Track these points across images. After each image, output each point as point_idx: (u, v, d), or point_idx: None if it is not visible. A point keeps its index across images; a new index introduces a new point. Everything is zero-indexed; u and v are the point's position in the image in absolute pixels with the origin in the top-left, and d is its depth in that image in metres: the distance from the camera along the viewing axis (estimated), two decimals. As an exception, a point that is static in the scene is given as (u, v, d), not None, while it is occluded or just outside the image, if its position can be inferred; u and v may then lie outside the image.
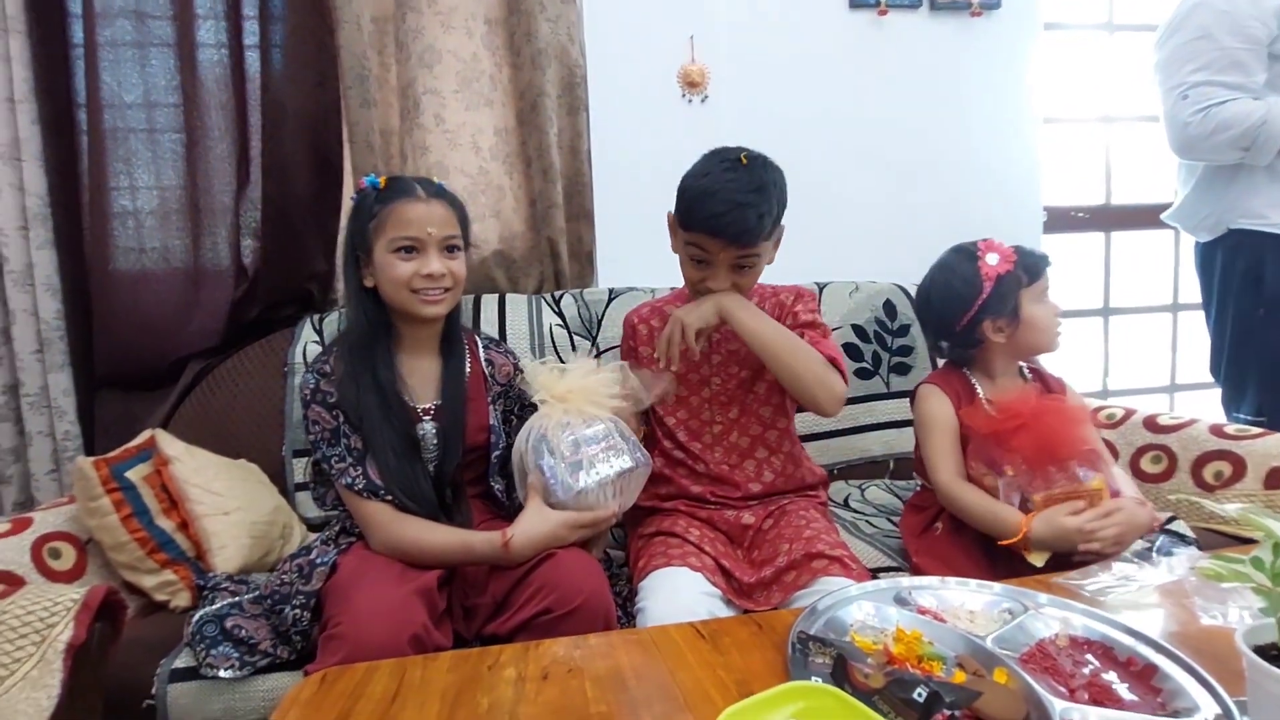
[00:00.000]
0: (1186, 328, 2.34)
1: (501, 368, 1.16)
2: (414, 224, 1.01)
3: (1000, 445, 1.02)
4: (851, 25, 1.86)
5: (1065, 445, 0.98)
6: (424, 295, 1.03)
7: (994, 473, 1.03)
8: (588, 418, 1.03)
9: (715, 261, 1.07)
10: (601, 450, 1.02)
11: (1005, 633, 0.68)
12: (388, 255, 1.02)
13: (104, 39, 1.47)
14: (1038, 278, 1.12)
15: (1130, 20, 2.20)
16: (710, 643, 0.73)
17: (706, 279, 1.08)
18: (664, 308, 1.22)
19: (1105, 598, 0.76)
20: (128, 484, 1.11)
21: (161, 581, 1.09)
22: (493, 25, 1.64)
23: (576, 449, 1.00)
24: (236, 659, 0.92)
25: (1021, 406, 1.03)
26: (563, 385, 1.04)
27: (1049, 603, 0.73)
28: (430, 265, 1.02)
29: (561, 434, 1.01)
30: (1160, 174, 2.27)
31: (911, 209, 1.91)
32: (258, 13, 1.51)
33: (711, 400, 1.17)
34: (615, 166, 1.73)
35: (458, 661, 0.73)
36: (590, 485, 0.99)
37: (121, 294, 1.51)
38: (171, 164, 1.53)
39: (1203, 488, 1.21)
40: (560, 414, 1.02)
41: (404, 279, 1.02)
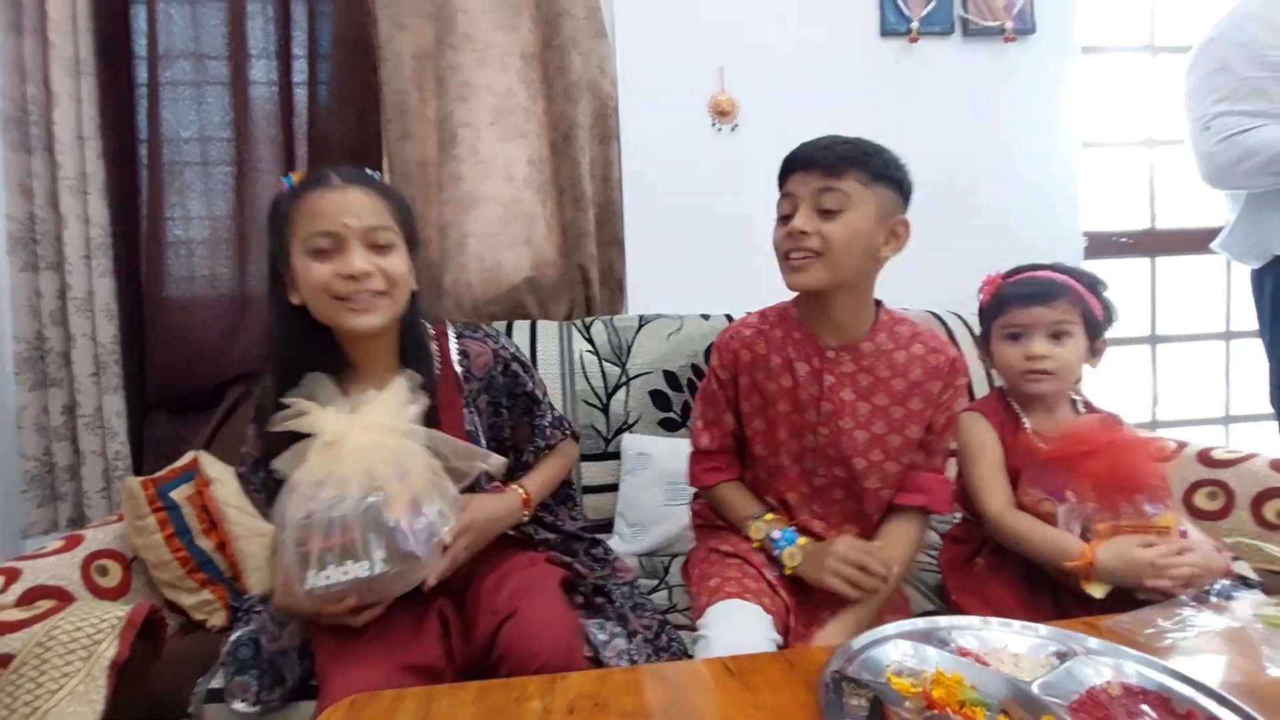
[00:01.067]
0: (1240, 356, 2.25)
1: (479, 357, 1.00)
2: (326, 215, 0.84)
3: (1068, 470, 0.97)
4: (883, 53, 1.86)
5: (1135, 476, 0.94)
6: (349, 302, 0.85)
7: (1054, 499, 0.98)
8: (343, 490, 0.77)
9: (798, 201, 0.93)
10: (341, 545, 0.77)
11: (1053, 678, 0.64)
12: (303, 259, 0.85)
13: (165, 79, 1.56)
14: (1001, 314, 1.09)
15: (1172, 42, 2.16)
16: (739, 680, 0.71)
17: (785, 231, 0.94)
18: (769, 332, 1.05)
19: (1161, 643, 0.72)
20: (172, 504, 1.14)
21: (200, 600, 1.11)
22: (528, 60, 1.68)
23: (308, 537, 0.76)
24: (255, 691, 0.88)
25: (1091, 434, 0.99)
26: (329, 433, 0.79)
27: (1100, 647, 0.69)
28: (351, 264, 0.84)
29: (298, 511, 0.76)
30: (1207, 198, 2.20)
31: (948, 236, 1.88)
32: (306, 52, 1.59)
33: (817, 451, 1.01)
34: (646, 195, 1.75)
35: (483, 692, 0.73)
36: (317, 589, 0.77)
37: (173, 320, 1.58)
38: (222, 195, 1.60)
39: (1264, 526, 1.15)
40: (312, 478, 0.77)
41: (321, 283, 0.84)
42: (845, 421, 0.99)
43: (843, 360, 1.00)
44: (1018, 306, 1.07)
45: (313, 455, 0.78)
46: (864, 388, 1.00)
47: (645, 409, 1.51)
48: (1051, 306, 1.04)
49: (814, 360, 1.01)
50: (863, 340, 1.01)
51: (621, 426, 1.50)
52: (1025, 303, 1.06)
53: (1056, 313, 1.04)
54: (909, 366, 1.00)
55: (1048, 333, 1.05)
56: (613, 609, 1.01)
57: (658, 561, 1.38)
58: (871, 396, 1.00)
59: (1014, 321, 1.07)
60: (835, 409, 0.99)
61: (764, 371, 1.03)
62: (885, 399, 1.00)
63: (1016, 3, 1.86)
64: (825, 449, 1.01)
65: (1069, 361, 1.05)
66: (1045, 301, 1.05)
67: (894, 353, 1.00)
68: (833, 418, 0.99)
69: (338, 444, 0.78)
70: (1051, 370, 1.05)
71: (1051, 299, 1.05)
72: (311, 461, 0.78)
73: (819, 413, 1.00)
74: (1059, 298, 1.04)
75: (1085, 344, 1.06)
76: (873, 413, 0.99)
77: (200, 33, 1.57)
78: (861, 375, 1.00)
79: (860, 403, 0.99)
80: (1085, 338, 1.05)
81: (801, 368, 1.01)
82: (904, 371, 1.00)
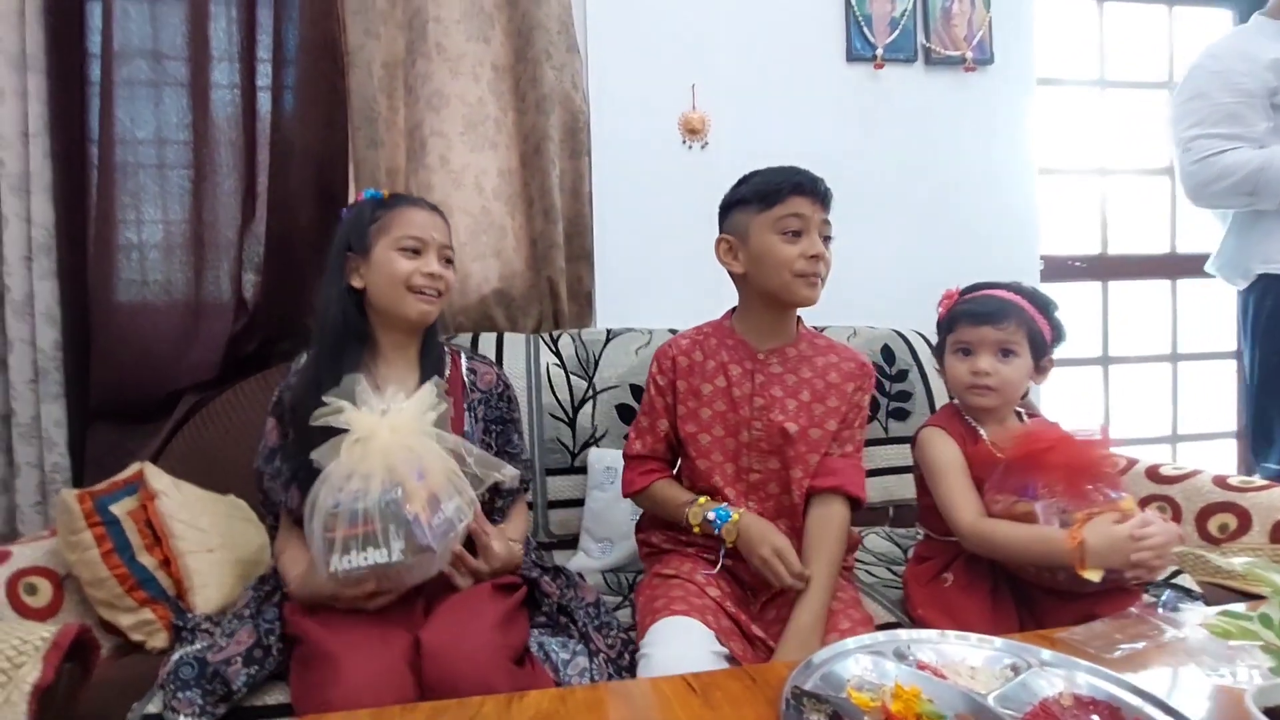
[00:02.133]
0: (1186, 378, 2.34)
1: (484, 376, 1.15)
2: (420, 226, 1.06)
3: (1033, 467, 0.99)
4: (849, 78, 1.90)
5: (1096, 464, 0.97)
6: (421, 294, 1.05)
7: (1026, 498, 0.99)
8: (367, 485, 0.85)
9: (809, 226, 1.06)
10: (365, 533, 0.85)
11: (1007, 690, 0.65)
12: (390, 253, 1.04)
13: (120, 78, 1.51)
14: (951, 330, 1.13)
15: (1121, 78, 2.27)
16: (701, 696, 0.70)
17: (803, 249, 1.05)
18: (704, 341, 1.16)
19: (1111, 654, 0.73)
20: (111, 518, 1.08)
21: (139, 621, 1.06)
22: (499, 72, 1.68)
23: (334, 524, 0.85)
24: (199, 705, 0.87)
25: (1045, 431, 1.02)
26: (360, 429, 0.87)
27: (1052, 659, 0.70)
28: (431, 265, 1.05)
29: (329, 499, 0.85)
30: (1156, 225, 2.31)
31: (910, 257, 1.93)
32: (271, 56, 1.56)
33: (751, 445, 1.10)
34: (616, 209, 1.76)
35: (436, 713, 0.70)
36: (338, 571, 0.85)
37: (121, 325, 1.52)
38: (179, 199, 1.55)
39: (1208, 540, 1.19)
40: (342, 470, 0.85)
41: (404, 275, 1.04)
42: (776, 414, 1.09)
43: (772, 362, 1.12)
44: (968, 324, 1.11)
45: (344, 450, 0.86)
46: (791, 385, 1.11)
47: (612, 423, 1.50)
48: (999, 326, 1.08)
49: (746, 362, 1.12)
50: (788, 346, 1.13)
51: (588, 440, 1.49)
52: (975, 321, 1.10)
53: (1003, 333, 1.08)
54: (827, 370, 1.12)
55: (994, 350, 1.09)
56: (576, 628, 1.00)
57: (623, 577, 1.37)
58: (798, 393, 1.10)
59: (963, 338, 1.11)
60: (767, 404, 1.09)
61: (700, 375, 1.13)
62: (809, 395, 1.10)
63: (976, 34, 1.93)
64: (759, 442, 1.09)
65: (1011, 379, 1.09)
66: (993, 321, 1.09)
67: (814, 358, 1.13)
68: (765, 412, 1.09)
69: (365, 441, 0.86)
70: (994, 386, 1.09)
71: (999, 319, 1.09)
72: (342, 456, 0.86)
73: (753, 408, 1.10)
74: (1007, 318, 1.09)
75: (1030, 363, 1.10)
76: (799, 407, 1.10)
77: (159, 32, 1.53)
78: (788, 375, 1.11)
79: (788, 398, 1.10)
80: (1030, 357, 1.10)
81: (735, 369, 1.12)
82: (823, 374, 1.12)
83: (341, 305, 1.05)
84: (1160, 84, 2.29)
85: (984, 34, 1.93)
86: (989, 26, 1.94)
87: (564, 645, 0.97)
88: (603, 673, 0.95)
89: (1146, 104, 2.30)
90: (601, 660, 0.97)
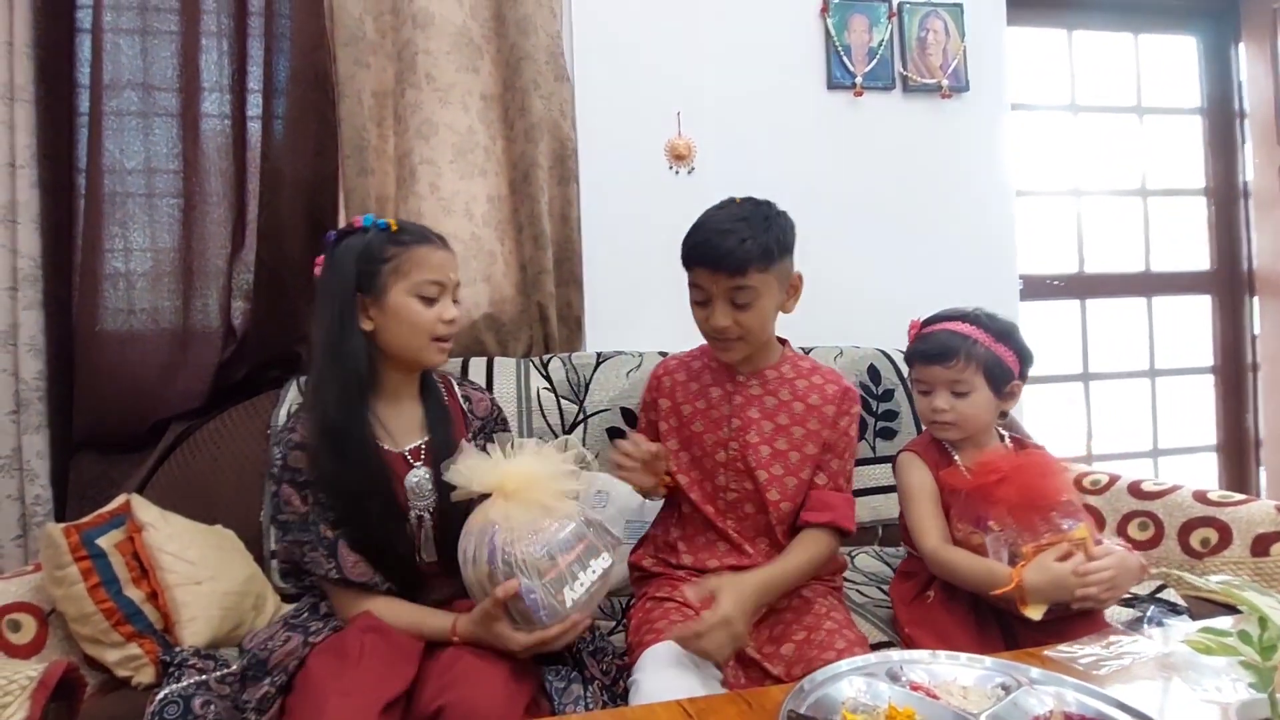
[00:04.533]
0: (1164, 393, 2.39)
1: (479, 403, 1.13)
2: (439, 269, 1.00)
3: (984, 500, 1.02)
4: (830, 105, 1.95)
5: (1045, 494, 0.99)
6: (444, 343, 1.01)
7: (980, 530, 1.03)
8: (556, 518, 0.89)
9: (712, 295, 1.04)
10: (579, 554, 0.89)
11: (999, 710, 0.66)
12: (408, 299, 0.98)
13: (109, 108, 1.52)
14: (911, 368, 1.16)
15: (1092, 102, 2.34)
16: (697, 722, 0.70)
17: (709, 317, 1.05)
18: (691, 362, 1.19)
19: (1099, 671, 0.75)
20: (98, 551, 1.07)
21: (125, 656, 1.04)
22: (488, 101, 1.71)
23: (553, 562, 0.87)
24: None
25: (999, 461, 1.05)
26: (514, 480, 0.89)
27: (1042, 677, 0.71)
28: (450, 311, 1.01)
29: (531, 547, 0.86)
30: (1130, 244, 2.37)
31: (892, 278, 1.96)
32: (262, 87, 1.57)
33: (727, 465, 1.11)
34: (604, 235, 1.78)
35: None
36: (580, 599, 0.88)
37: (107, 354, 1.51)
38: (167, 228, 1.56)
39: (1190, 555, 1.21)
40: (522, 519, 0.87)
41: (427, 325, 0.98)
42: (751, 436, 1.10)
43: (751, 384, 1.13)
44: (920, 364, 1.14)
45: (499, 507, 0.88)
46: (769, 408, 1.11)
47: (603, 446, 1.50)
48: (947, 366, 1.10)
49: (726, 384, 1.14)
50: (768, 368, 1.14)
51: (580, 465, 1.49)
52: (925, 361, 1.13)
53: (952, 372, 1.10)
54: (808, 393, 1.12)
55: (948, 388, 1.11)
56: (570, 655, 0.99)
57: (616, 602, 1.36)
58: (775, 416, 1.11)
59: (919, 377, 1.15)
60: (743, 425, 1.11)
61: (682, 394, 1.16)
62: (786, 419, 1.11)
63: (951, 62, 1.99)
64: (734, 463, 1.11)
65: (968, 414, 1.11)
66: (941, 362, 1.11)
67: (795, 380, 1.13)
68: (740, 433, 1.10)
69: (518, 493, 0.89)
70: (952, 421, 1.11)
71: (946, 359, 1.10)
72: (507, 510, 0.88)
73: (729, 429, 1.11)
74: (953, 358, 1.10)
75: (988, 394, 1.11)
76: (775, 430, 1.10)
77: (150, 64, 1.54)
78: (767, 397, 1.12)
79: (765, 421, 1.11)
80: (989, 388, 1.11)
81: (715, 391, 1.14)
82: (804, 396, 1.12)
83: (355, 351, 0.97)
84: (1129, 108, 2.37)
85: (959, 62, 2.00)
86: (963, 55, 2.00)
87: (557, 673, 0.96)
88: (597, 700, 0.94)
89: (1117, 128, 2.37)
90: (596, 688, 0.96)
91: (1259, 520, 1.16)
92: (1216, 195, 2.41)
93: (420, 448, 1.04)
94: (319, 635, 0.93)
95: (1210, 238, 2.42)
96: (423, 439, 1.05)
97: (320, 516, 0.96)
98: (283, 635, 0.94)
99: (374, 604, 0.96)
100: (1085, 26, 2.31)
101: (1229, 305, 2.41)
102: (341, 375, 0.97)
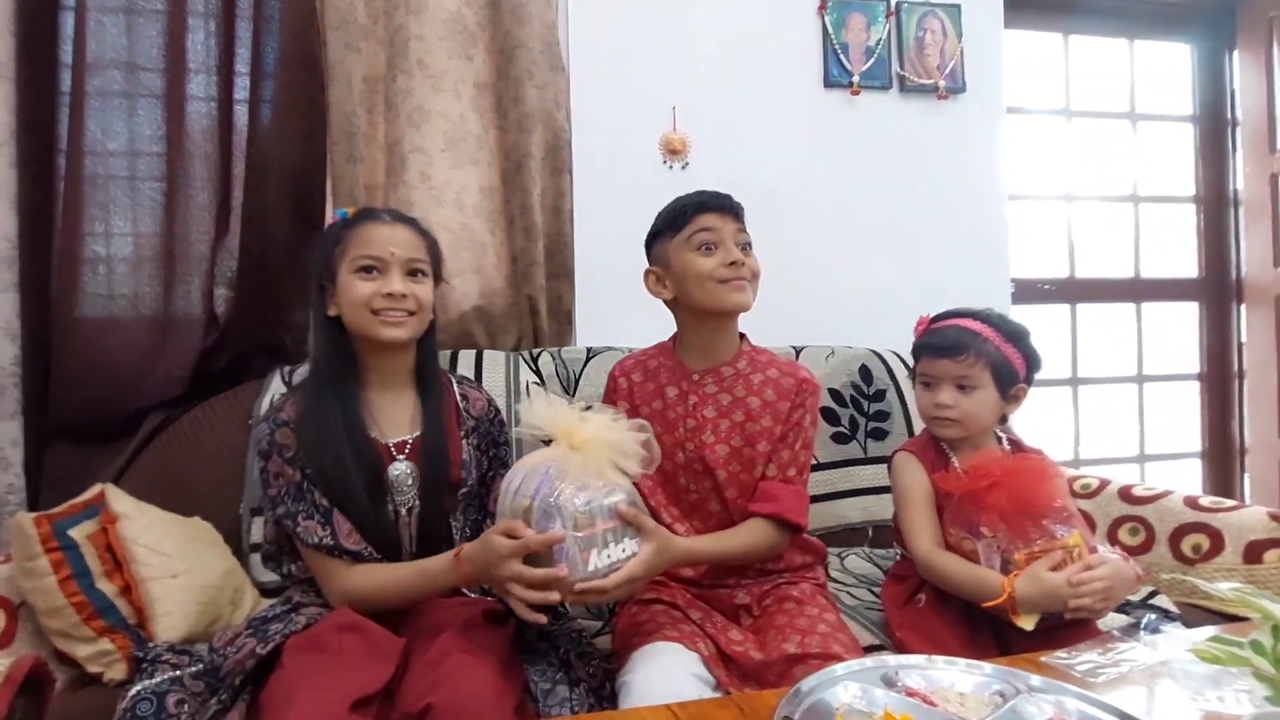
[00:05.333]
0: (1151, 399, 2.40)
1: (475, 402, 1.12)
2: (376, 243, 1.00)
3: (975, 506, 1.01)
4: (826, 103, 1.94)
5: (1038, 500, 0.98)
6: (384, 316, 0.99)
7: (972, 536, 1.02)
8: (608, 483, 0.88)
9: (722, 239, 1.07)
10: (616, 526, 0.87)
11: (998, 718, 0.65)
12: (349, 276, 1.00)
13: (92, 88, 1.48)
14: (918, 361, 1.15)
15: (1086, 107, 2.35)
16: (688, 726, 0.69)
17: (720, 261, 1.06)
18: (647, 361, 1.18)
19: (1097, 679, 0.74)
20: (70, 543, 1.04)
21: (96, 651, 1.01)
22: (481, 89, 1.68)
23: (592, 521, 0.85)
24: None
25: (992, 466, 1.03)
26: (584, 432, 0.89)
27: (1041, 685, 0.70)
28: (391, 284, 0.99)
29: (576, 499, 0.85)
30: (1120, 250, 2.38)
31: (885, 278, 1.96)
32: (249, 69, 1.53)
33: (686, 467, 1.11)
34: (597, 228, 1.75)
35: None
36: (600, 568, 0.85)
37: (85, 340, 1.46)
38: (150, 211, 1.51)
39: (1182, 561, 1.21)
40: (578, 470, 0.87)
41: (364, 298, 0.98)
42: (707, 435, 1.10)
43: (706, 382, 1.12)
44: (928, 357, 1.13)
45: (562, 452, 0.88)
46: (724, 406, 1.11)
47: (593, 443, 1.48)
48: (956, 360, 1.09)
49: (682, 383, 1.13)
50: (724, 365, 1.13)
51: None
52: (933, 354, 1.11)
53: (960, 366, 1.09)
54: (764, 387, 1.11)
55: (954, 384, 1.10)
56: (557, 656, 0.97)
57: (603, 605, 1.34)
58: (731, 414, 1.10)
59: (925, 370, 1.13)
60: (699, 425, 1.10)
61: (640, 395, 1.15)
62: (742, 415, 1.10)
63: (948, 63, 1.99)
64: (693, 463, 1.10)
65: (972, 411, 1.09)
66: (950, 355, 1.09)
67: (751, 375, 1.12)
68: (696, 433, 1.10)
69: (585, 446, 0.88)
70: (955, 418, 1.10)
71: (957, 353, 1.09)
72: (569, 457, 0.87)
73: (685, 429, 1.10)
74: (964, 352, 1.09)
75: (994, 394, 1.09)
76: (731, 428, 1.10)
77: (134, 44, 1.50)
78: (722, 395, 1.11)
79: (721, 419, 1.10)
80: (995, 388, 1.09)
81: (671, 390, 1.13)
82: (759, 391, 1.11)
83: (326, 336, 1.02)
84: (1122, 114, 2.38)
85: (956, 63, 1.99)
86: (960, 56, 1.99)
87: (543, 674, 0.94)
88: (583, 703, 0.92)
89: (1110, 133, 2.38)
90: (583, 690, 0.94)
91: (1251, 527, 1.16)
92: (1207, 203, 2.43)
93: (407, 442, 1.03)
94: (270, 643, 0.89)
95: (1199, 245, 2.43)
96: (412, 434, 1.04)
97: (314, 486, 0.97)
98: (241, 640, 0.92)
99: (367, 569, 0.96)
100: (1081, 31, 2.32)
101: (1216, 313, 2.42)
102: (314, 362, 1.04)
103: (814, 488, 1.54)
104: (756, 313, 1.13)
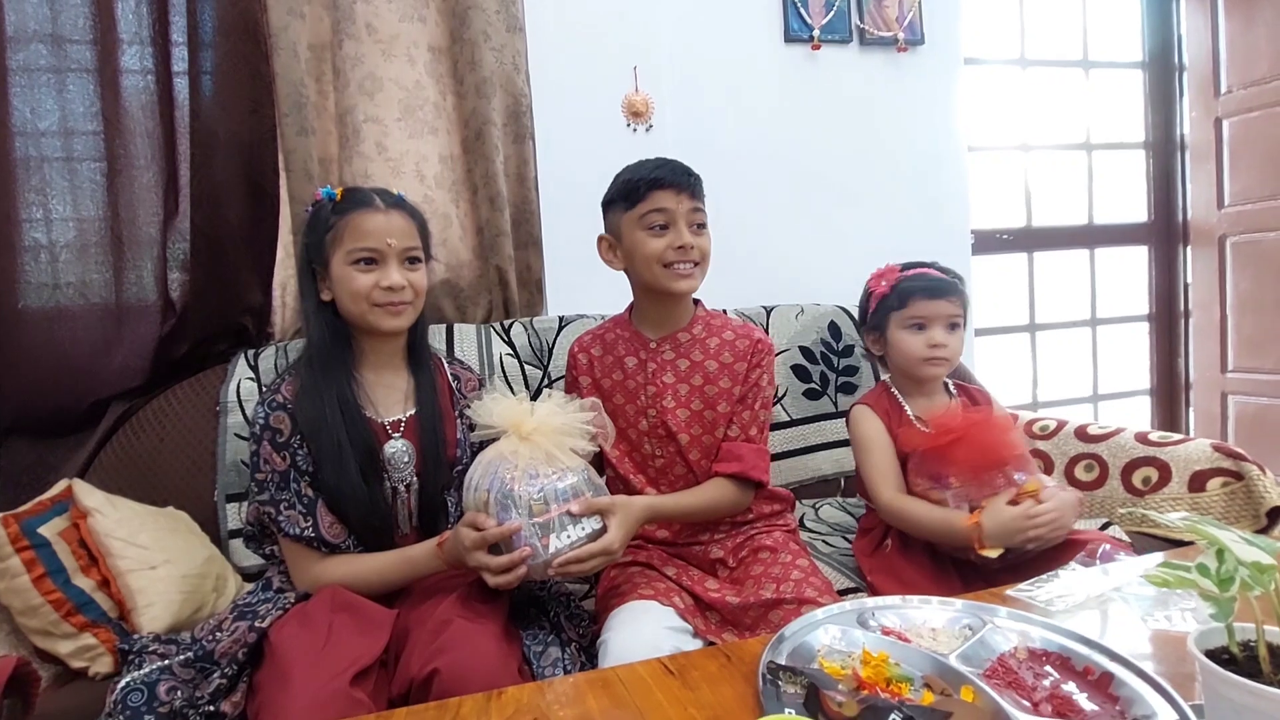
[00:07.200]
0: (1104, 341, 2.50)
1: (468, 382, 1.14)
2: (372, 235, 0.99)
3: (941, 459, 1.07)
4: (787, 58, 1.92)
5: (1000, 453, 1.04)
6: (385, 307, 1.00)
7: (939, 486, 1.07)
8: (558, 467, 0.92)
9: (675, 218, 1.07)
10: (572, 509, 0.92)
11: (968, 649, 0.69)
12: (346, 268, 0.99)
13: (15, 64, 1.38)
14: (903, 306, 1.18)
15: (1040, 56, 2.37)
16: (679, 678, 0.72)
17: (671, 242, 1.06)
18: (605, 335, 1.20)
19: (1055, 607, 0.79)
20: (41, 541, 1.02)
21: (79, 647, 1.00)
22: (436, 54, 1.62)
23: (546, 506, 0.90)
24: None
25: (953, 421, 1.09)
26: (531, 422, 0.93)
27: (1007, 615, 0.75)
28: (390, 277, 0.99)
29: (529, 487, 0.90)
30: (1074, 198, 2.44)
31: (849, 233, 1.98)
32: (187, 38, 1.45)
33: (650, 433, 1.13)
34: (563, 194, 1.73)
35: (413, 715, 0.69)
36: (561, 549, 0.90)
37: (31, 332, 1.40)
38: (91, 194, 1.44)
39: (1132, 493, 1.28)
40: (527, 460, 0.91)
41: (363, 292, 0.99)
42: (668, 401, 1.12)
43: (664, 349, 1.14)
44: (923, 298, 1.16)
45: (511, 444, 0.91)
46: (683, 371, 1.13)
47: (569, 411, 1.49)
48: (950, 300, 1.17)
49: (640, 353, 1.15)
50: (680, 331, 1.15)
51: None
52: (930, 295, 1.17)
53: (954, 306, 1.17)
54: (720, 350, 1.14)
55: (946, 324, 1.16)
56: (547, 619, 1.00)
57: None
58: (690, 379, 1.13)
59: (918, 313, 1.17)
60: (659, 391, 1.13)
61: (600, 369, 1.17)
62: (700, 379, 1.13)
63: (907, 15, 1.98)
64: (656, 430, 1.13)
65: (957, 349, 1.18)
66: (946, 295, 1.17)
67: (707, 339, 1.14)
68: (657, 399, 1.12)
69: (533, 435, 0.92)
70: (947, 357, 1.17)
71: (951, 293, 1.17)
72: (518, 448, 0.91)
73: (646, 396, 1.13)
74: (955, 293, 1.18)
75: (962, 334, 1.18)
76: (690, 392, 1.13)
77: (58, 13, 1.40)
78: (680, 360, 1.14)
79: (680, 384, 1.13)
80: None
81: (630, 361, 1.15)
82: (716, 355, 1.13)
83: (320, 320, 1.02)
84: (1076, 62, 2.41)
85: (914, 15, 1.99)
86: (919, 8, 1.99)
87: (535, 637, 0.97)
88: (575, 662, 0.95)
89: (1063, 81, 2.41)
90: (574, 650, 0.97)
91: (1195, 459, 1.23)
92: (1155, 148, 2.50)
93: (401, 421, 1.04)
94: (265, 620, 0.90)
95: (1149, 190, 2.51)
96: (407, 413, 1.05)
97: (300, 476, 0.97)
98: (230, 625, 0.92)
99: (341, 559, 0.97)
100: (1036, -21, 2.32)
101: (1165, 255, 2.52)
102: (309, 346, 1.02)
103: (788, 443, 1.59)
104: (723, 275, 1.15)
